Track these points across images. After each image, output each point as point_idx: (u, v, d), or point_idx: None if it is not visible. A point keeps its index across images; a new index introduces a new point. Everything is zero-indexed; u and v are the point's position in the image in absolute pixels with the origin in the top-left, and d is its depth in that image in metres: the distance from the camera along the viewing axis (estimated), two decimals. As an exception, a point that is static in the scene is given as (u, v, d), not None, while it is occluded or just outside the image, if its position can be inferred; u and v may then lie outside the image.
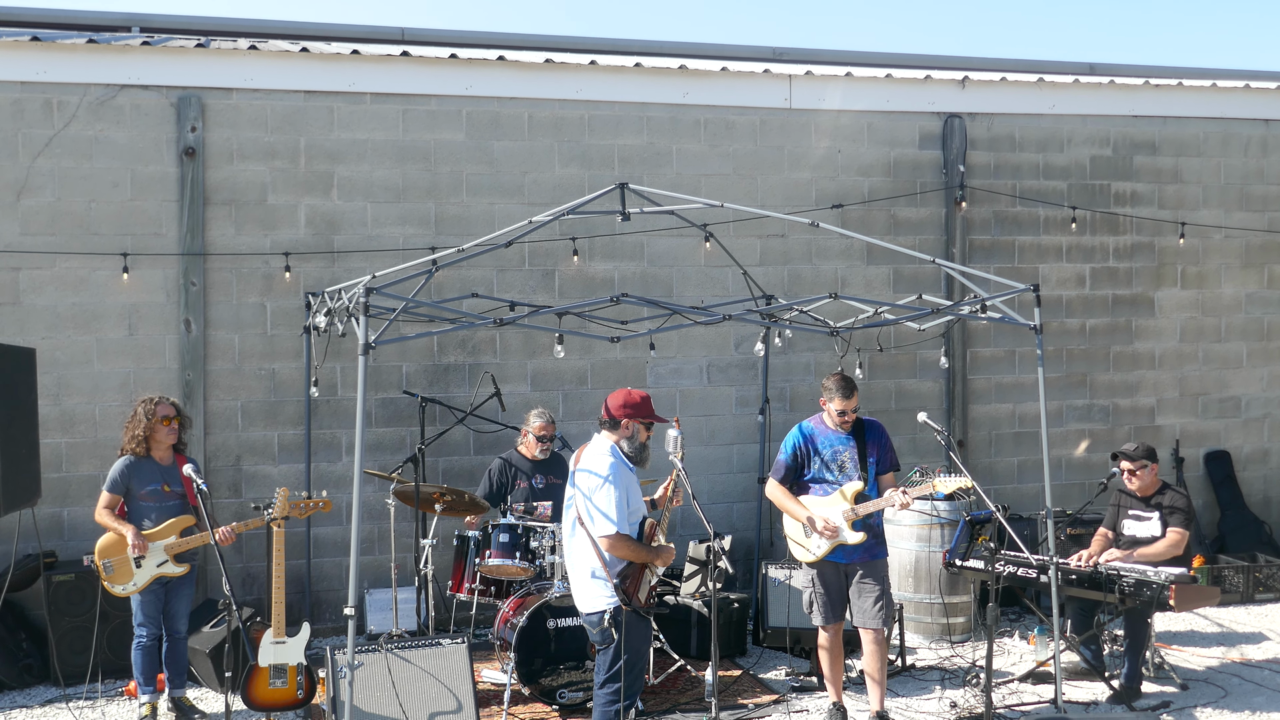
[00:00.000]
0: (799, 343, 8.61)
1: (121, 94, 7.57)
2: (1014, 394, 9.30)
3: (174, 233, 7.63)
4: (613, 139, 8.44)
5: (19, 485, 4.79)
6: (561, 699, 6.20)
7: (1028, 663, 7.12)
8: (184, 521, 6.10)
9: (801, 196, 8.79)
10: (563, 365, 8.28)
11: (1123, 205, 9.50)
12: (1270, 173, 9.85)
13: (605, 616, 5.07)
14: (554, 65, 8.41)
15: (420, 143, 8.09)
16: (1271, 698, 6.52)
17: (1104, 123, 9.45)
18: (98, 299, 7.53)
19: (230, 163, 7.75)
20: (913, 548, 7.69)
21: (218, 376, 7.74)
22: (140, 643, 6.10)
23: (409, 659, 5.75)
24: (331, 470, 7.93)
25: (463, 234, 7.93)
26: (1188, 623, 8.03)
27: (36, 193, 7.43)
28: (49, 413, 7.20)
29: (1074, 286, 9.41)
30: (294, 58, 7.93)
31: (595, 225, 8.07)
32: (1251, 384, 9.88)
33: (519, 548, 6.51)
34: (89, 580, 6.72)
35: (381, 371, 7.96)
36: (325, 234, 7.91)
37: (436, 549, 6.87)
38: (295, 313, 7.82)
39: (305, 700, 5.94)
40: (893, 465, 6.09)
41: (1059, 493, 8.58)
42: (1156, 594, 6.12)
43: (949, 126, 9.08)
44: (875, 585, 5.89)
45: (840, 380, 5.97)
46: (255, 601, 7.55)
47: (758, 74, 8.75)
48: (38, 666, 6.95)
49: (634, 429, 5.26)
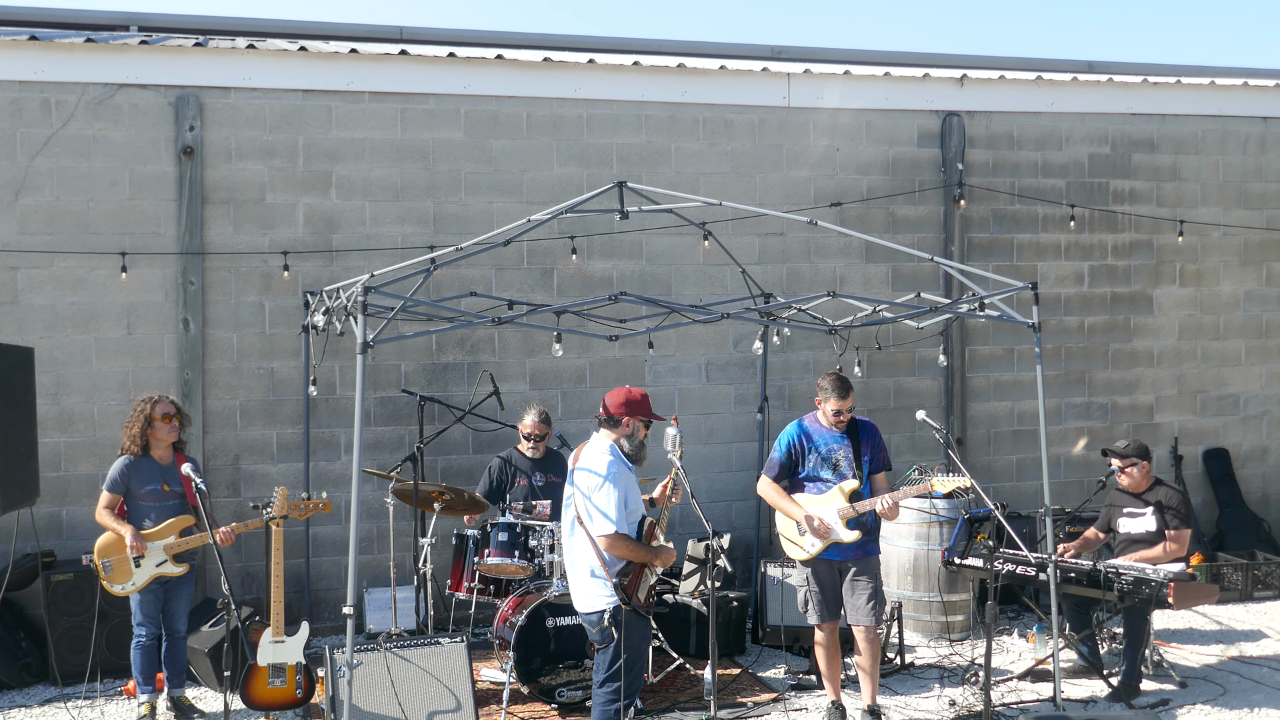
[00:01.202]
0: (798, 341, 8.62)
1: (120, 93, 7.57)
2: (1013, 392, 9.31)
3: (172, 232, 7.63)
4: (611, 138, 8.44)
5: (17, 484, 4.79)
6: (560, 698, 6.21)
7: (1026, 661, 7.12)
8: (183, 521, 6.10)
9: (800, 195, 8.79)
10: (561, 364, 8.28)
11: (1121, 203, 9.50)
12: (1268, 170, 9.86)
13: (604, 616, 5.06)
14: (552, 64, 8.40)
15: (419, 142, 8.09)
16: (1270, 695, 6.52)
17: (1102, 121, 9.45)
18: (96, 298, 7.53)
19: (228, 162, 7.75)
20: (911, 546, 7.69)
21: (216, 375, 7.75)
22: (139, 642, 6.11)
23: (408, 658, 5.75)
24: (330, 469, 7.93)
25: (461, 233, 7.94)
26: (1186, 620, 8.03)
27: (35, 192, 7.43)
28: (47, 412, 7.20)
29: (1073, 284, 9.41)
30: (292, 57, 7.93)
31: (594, 224, 8.07)
32: (1250, 381, 9.89)
33: (518, 546, 6.52)
34: (88, 579, 6.72)
35: (380, 370, 7.96)
36: (324, 233, 7.91)
37: (435, 548, 6.87)
38: (294, 312, 7.82)
39: (304, 699, 5.95)
40: (885, 465, 6.10)
41: (1058, 490, 8.58)
42: (1155, 592, 6.12)
43: (947, 124, 9.07)
44: (868, 582, 5.90)
45: (836, 380, 5.98)
46: (254, 601, 7.56)
47: (756, 72, 8.75)
48: (36, 666, 6.96)
49: (634, 427, 5.26)
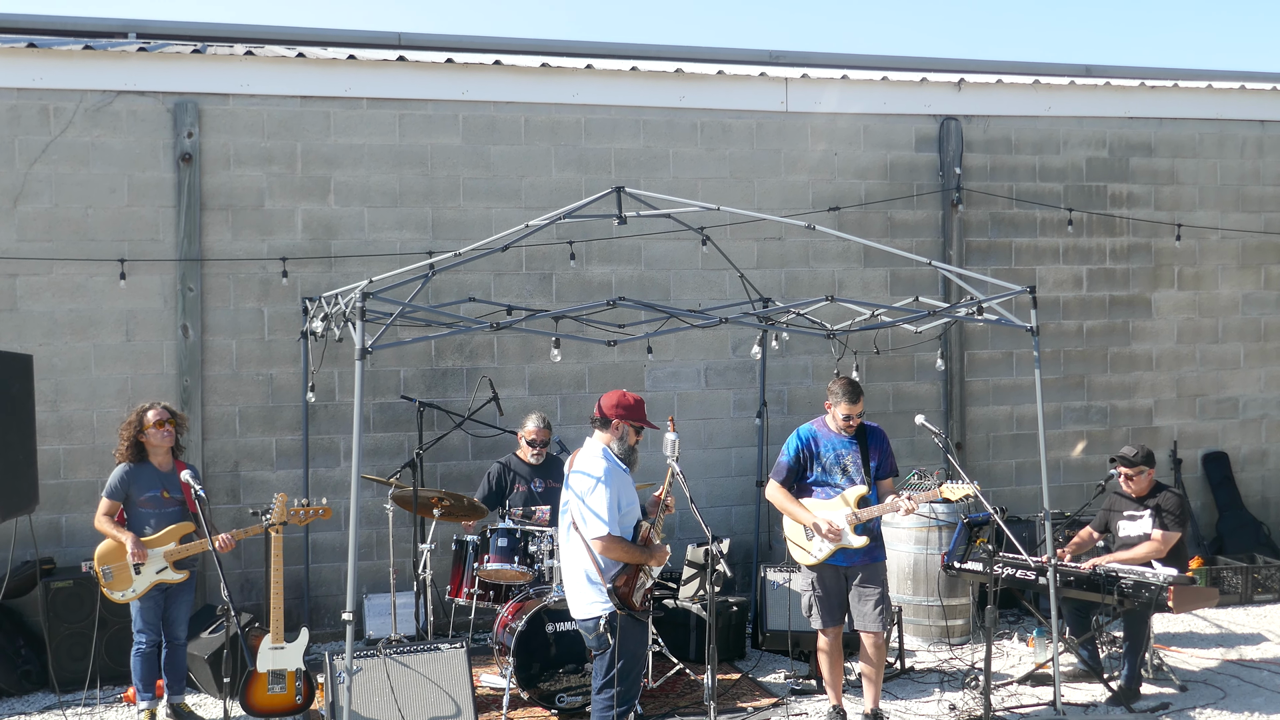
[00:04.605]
0: (796, 345, 8.62)
1: (118, 100, 7.58)
2: (1011, 396, 9.31)
3: (171, 238, 7.64)
4: (609, 143, 8.45)
5: (16, 492, 4.78)
6: (560, 703, 6.20)
7: (1026, 665, 7.12)
8: (183, 528, 6.09)
9: (798, 199, 8.80)
10: (560, 369, 8.28)
11: (1119, 207, 9.51)
12: (1266, 173, 9.87)
13: (600, 622, 5.06)
14: (550, 69, 8.41)
15: (417, 147, 8.09)
16: (1270, 699, 6.52)
17: (1100, 124, 9.47)
18: (95, 305, 7.53)
19: (227, 168, 7.75)
20: (911, 550, 7.69)
21: (215, 382, 7.74)
22: (139, 649, 6.10)
23: (407, 664, 5.75)
24: (329, 475, 7.92)
25: (459, 238, 7.94)
26: (1186, 624, 8.03)
27: (33, 199, 7.43)
28: (46, 419, 7.19)
29: (1071, 288, 9.42)
30: (290, 63, 7.94)
31: (592, 229, 8.07)
32: (1249, 385, 9.89)
33: (517, 552, 6.51)
34: (87, 586, 6.71)
35: (379, 376, 7.96)
36: (322, 239, 7.92)
37: (435, 554, 6.86)
38: (292, 318, 7.82)
39: (304, 706, 5.94)
40: (891, 470, 6.11)
41: (1057, 494, 8.58)
42: (1155, 595, 6.12)
43: (945, 129, 9.08)
44: (875, 588, 5.90)
45: (847, 385, 5.98)
46: (254, 607, 7.55)
47: (754, 77, 8.76)
48: (36, 673, 6.95)
49: (624, 430, 5.26)
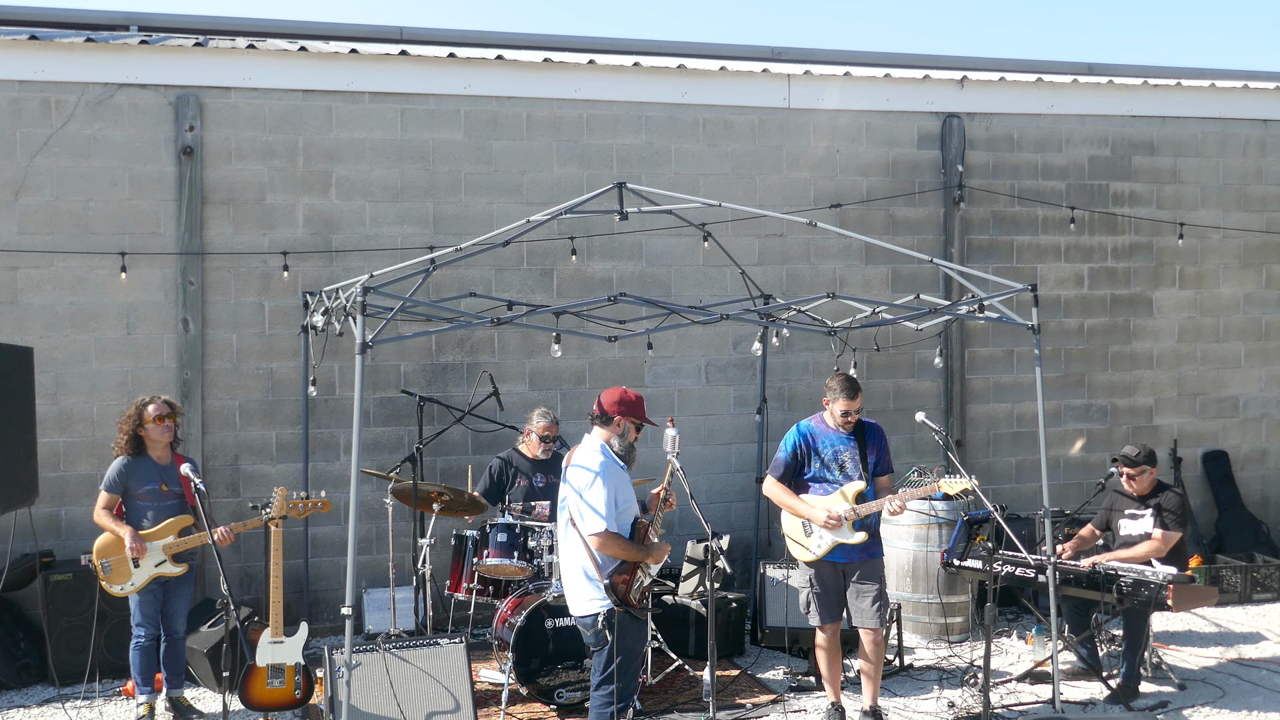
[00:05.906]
0: (797, 342, 8.61)
1: (119, 93, 7.57)
2: (1012, 394, 9.30)
3: (172, 232, 7.63)
4: (611, 138, 8.44)
5: (16, 485, 4.78)
6: (559, 698, 6.20)
7: (1025, 663, 7.12)
8: (182, 521, 6.10)
9: (800, 196, 8.79)
10: (561, 365, 8.27)
11: (1121, 205, 9.50)
12: (1268, 173, 9.86)
13: (598, 619, 5.05)
14: (552, 65, 8.40)
15: (418, 142, 8.09)
16: (1269, 698, 6.52)
17: (1102, 123, 9.46)
18: (96, 298, 7.53)
19: (228, 162, 7.75)
20: (910, 547, 7.69)
21: (215, 376, 7.74)
22: (138, 642, 6.11)
23: (407, 659, 5.74)
24: (329, 469, 7.92)
25: (461, 233, 7.93)
26: (1185, 623, 8.03)
27: (34, 192, 7.42)
28: (47, 412, 7.20)
29: (1072, 286, 9.41)
30: (292, 57, 7.93)
31: (593, 225, 8.06)
32: (1250, 384, 9.89)
33: (517, 547, 6.51)
34: (87, 580, 6.71)
35: (379, 371, 7.96)
36: (323, 233, 7.91)
37: (434, 548, 6.87)
38: (293, 312, 7.82)
39: (303, 700, 5.94)
40: (888, 467, 6.10)
41: (1057, 492, 8.58)
42: (1154, 594, 6.12)
43: (947, 126, 9.07)
44: (873, 585, 5.90)
45: (845, 381, 5.97)
46: (253, 601, 7.55)
47: (756, 73, 8.75)
48: (35, 666, 6.95)
49: (625, 427, 5.26)
